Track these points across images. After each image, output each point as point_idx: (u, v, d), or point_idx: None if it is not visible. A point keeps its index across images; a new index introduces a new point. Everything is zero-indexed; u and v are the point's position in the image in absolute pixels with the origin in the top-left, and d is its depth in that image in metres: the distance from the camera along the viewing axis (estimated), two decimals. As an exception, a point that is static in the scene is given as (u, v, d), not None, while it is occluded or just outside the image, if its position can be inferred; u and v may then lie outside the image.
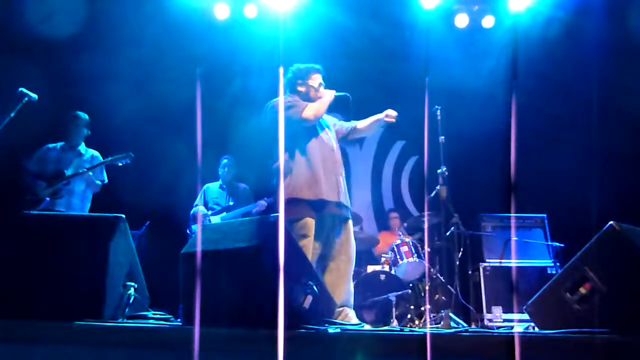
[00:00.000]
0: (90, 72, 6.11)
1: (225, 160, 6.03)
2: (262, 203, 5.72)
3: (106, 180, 5.15)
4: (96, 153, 5.18)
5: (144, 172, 6.22)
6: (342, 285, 3.97)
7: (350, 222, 4.17)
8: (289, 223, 3.83)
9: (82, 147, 5.14)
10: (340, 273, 4.00)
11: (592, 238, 2.96)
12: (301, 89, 4.19)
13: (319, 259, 4.04)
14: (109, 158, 4.98)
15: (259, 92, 6.59)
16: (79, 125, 5.07)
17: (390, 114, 4.20)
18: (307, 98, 4.12)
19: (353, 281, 4.69)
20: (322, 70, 4.24)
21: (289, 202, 3.83)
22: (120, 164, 4.94)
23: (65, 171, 4.91)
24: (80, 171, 4.86)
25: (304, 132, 4.01)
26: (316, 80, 4.18)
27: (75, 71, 6.12)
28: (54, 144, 5.13)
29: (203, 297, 2.81)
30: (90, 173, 4.92)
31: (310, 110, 3.99)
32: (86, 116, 5.14)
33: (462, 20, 6.45)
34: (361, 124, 4.38)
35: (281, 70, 4.06)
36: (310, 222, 3.90)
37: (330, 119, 4.36)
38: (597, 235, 2.95)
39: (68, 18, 5.94)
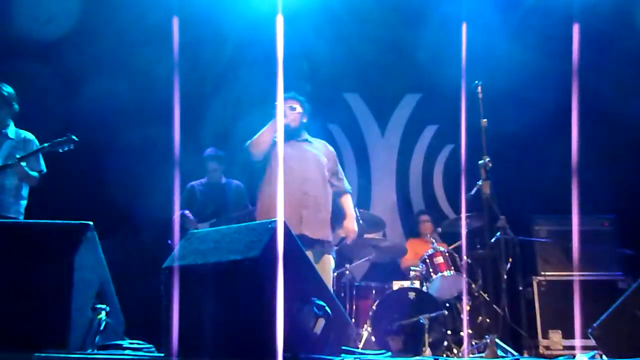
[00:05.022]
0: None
1: (211, 153, 6.04)
2: None
3: (44, 170, 4.99)
4: (30, 135, 5.00)
5: (116, 170, 6.28)
6: None
7: (328, 258, 4.62)
8: None
9: (11, 129, 4.95)
10: None
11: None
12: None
13: None
14: (46, 144, 4.78)
15: (252, 67, 6.67)
16: (5, 100, 4.85)
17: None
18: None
19: (376, 300, 5.12)
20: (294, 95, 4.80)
21: None
22: (61, 150, 4.76)
23: None
24: (10, 162, 4.69)
25: (263, 162, 4.63)
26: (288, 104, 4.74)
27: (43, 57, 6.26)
28: None
29: (189, 321, 2.83)
30: (24, 163, 4.72)
31: (251, 144, 4.62)
32: (10, 88, 4.91)
33: (507, -25, 6.43)
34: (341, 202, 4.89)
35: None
36: None
37: (319, 144, 4.86)
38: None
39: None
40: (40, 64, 6.23)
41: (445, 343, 5.36)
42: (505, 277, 5.10)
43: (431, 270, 5.70)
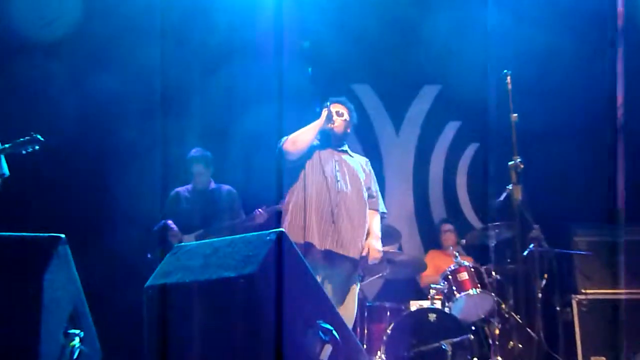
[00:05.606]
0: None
1: (195, 155, 6.04)
2: (260, 213, 5.74)
3: (7, 173, 5.00)
4: None
5: (90, 175, 6.29)
6: None
7: (355, 279, 4.75)
8: None
9: None
10: None
11: None
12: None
13: None
14: (7, 144, 4.84)
15: (247, 53, 6.69)
16: None
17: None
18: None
19: (391, 323, 5.22)
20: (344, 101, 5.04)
21: None
22: (24, 152, 4.81)
23: None
24: None
25: (296, 167, 4.76)
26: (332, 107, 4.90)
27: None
28: None
29: (176, 348, 2.83)
30: None
31: (288, 143, 4.73)
32: None
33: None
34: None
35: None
36: None
37: (360, 159, 5.04)
38: None
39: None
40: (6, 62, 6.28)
41: (472, 372, 5.36)
42: (540, 295, 5.10)
43: (454, 288, 5.69)
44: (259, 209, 5.75)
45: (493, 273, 5.72)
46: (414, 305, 5.77)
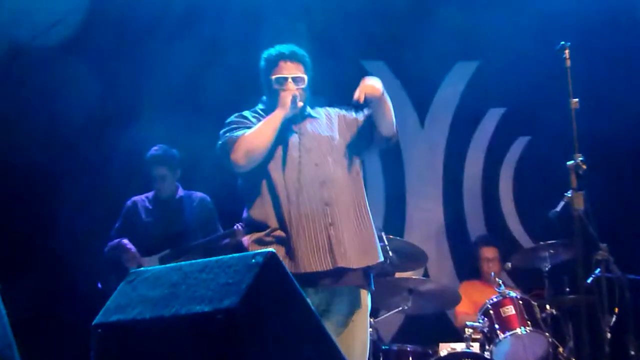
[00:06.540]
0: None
1: (156, 153, 6.00)
2: (242, 229, 5.72)
3: None
4: None
5: (22, 182, 6.30)
6: None
7: (365, 297, 4.41)
8: None
9: None
10: None
11: None
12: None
13: None
14: None
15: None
16: None
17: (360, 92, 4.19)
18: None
19: None
20: (293, 53, 4.40)
21: None
22: None
23: None
24: None
25: (254, 178, 4.33)
26: (283, 70, 4.38)
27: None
28: None
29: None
30: None
31: (239, 151, 4.24)
32: None
33: None
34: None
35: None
36: None
37: (332, 119, 4.56)
38: None
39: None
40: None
41: None
42: (608, 335, 5.10)
43: (497, 326, 5.70)
44: (239, 225, 5.73)
45: (547, 307, 5.72)
46: (444, 349, 5.77)
